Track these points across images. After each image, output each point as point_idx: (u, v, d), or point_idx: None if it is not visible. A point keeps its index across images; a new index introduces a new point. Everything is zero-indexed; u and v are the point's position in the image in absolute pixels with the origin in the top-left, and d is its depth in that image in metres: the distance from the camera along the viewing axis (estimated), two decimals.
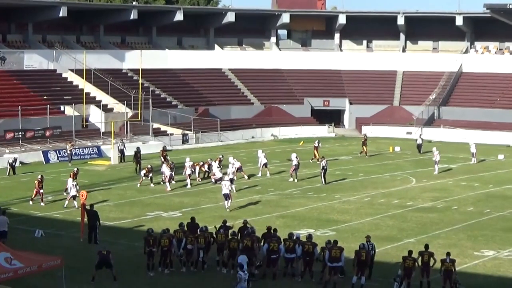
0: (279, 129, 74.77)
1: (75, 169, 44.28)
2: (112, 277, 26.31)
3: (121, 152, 56.24)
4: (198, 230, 28.88)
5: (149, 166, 46.73)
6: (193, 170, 46.88)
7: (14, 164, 50.38)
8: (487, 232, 34.53)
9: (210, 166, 48.01)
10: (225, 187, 39.17)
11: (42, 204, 39.55)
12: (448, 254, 25.51)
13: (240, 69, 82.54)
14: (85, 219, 32.40)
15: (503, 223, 36.52)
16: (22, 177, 48.78)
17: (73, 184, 39.08)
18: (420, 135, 65.29)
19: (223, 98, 77.60)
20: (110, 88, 69.29)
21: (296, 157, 48.65)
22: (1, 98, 63.54)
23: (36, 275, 24.35)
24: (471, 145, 57.63)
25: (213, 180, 46.35)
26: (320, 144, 58.28)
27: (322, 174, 46.88)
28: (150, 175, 45.83)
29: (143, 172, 46.41)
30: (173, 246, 27.80)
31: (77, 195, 38.01)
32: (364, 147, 59.75)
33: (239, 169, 47.30)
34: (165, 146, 55.81)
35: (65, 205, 38.94)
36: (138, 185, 45.54)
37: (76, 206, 37.96)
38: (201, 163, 48.64)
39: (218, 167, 47.22)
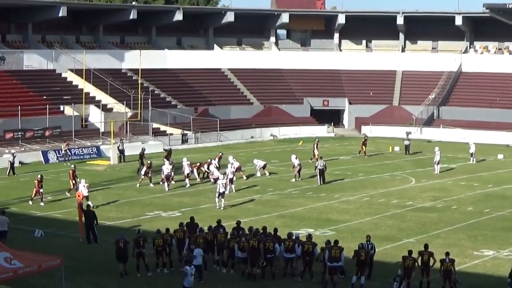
0: (279, 129, 74.76)
1: (73, 166, 44.32)
2: (120, 273, 26.73)
3: (121, 152, 56.24)
4: (198, 230, 28.86)
5: (149, 162, 46.72)
6: (191, 169, 46.81)
7: (13, 162, 50.25)
8: (487, 232, 34.54)
9: (210, 166, 47.92)
10: (221, 186, 39.21)
11: (42, 204, 39.52)
12: (447, 254, 25.51)
13: (240, 69, 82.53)
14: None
15: (503, 223, 36.52)
16: (21, 177, 48.74)
17: (84, 186, 38.44)
18: (408, 135, 64.70)
19: (222, 98, 77.59)
20: (109, 88, 69.27)
21: (296, 158, 48.63)
22: (0, 98, 63.47)
23: (36, 275, 24.36)
24: (470, 144, 57.64)
25: (212, 180, 46.29)
26: (319, 143, 57.92)
27: (318, 174, 46.87)
28: (150, 173, 45.77)
29: (143, 171, 46.17)
30: (172, 245, 27.82)
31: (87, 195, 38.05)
32: (363, 146, 59.68)
33: (238, 169, 47.23)
34: (171, 149, 55.23)
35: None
36: (138, 185, 45.50)
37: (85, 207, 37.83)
38: (198, 164, 48.55)
39: (217, 166, 47.11)
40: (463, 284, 25.54)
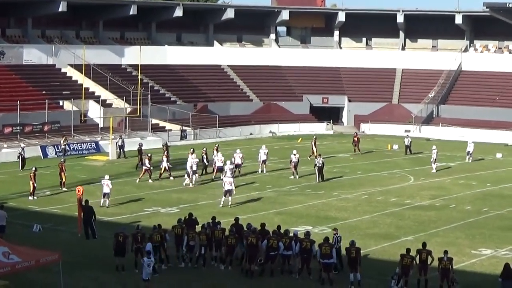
0: (278, 126, 74.75)
1: (62, 159, 44.50)
2: (116, 266, 27.01)
3: (120, 147, 56.21)
4: (201, 227, 28.87)
5: (149, 155, 46.60)
6: (196, 169, 46.25)
7: (23, 156, 50.14)
8: (485, 231, 34.58)
9: (206, 155, 47.90)
10: (228, 183, 39.01)
11: (35, 197, 39.43)
12: (445, 252, 25.55)
13: (239, 66, 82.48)
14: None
15: (501, 222, 36.57)
16: (20, 172, 48.72)
17: (105, 184, 37.96)
18: (408, 135, 64.26)
19: (222, 95, 77.55)
20: (109, 83, 69.21)
21: (295, 154, 48.58)
22: None
23: (34, 270, 24.34)
24: (469, 143, 57.53)
25: (213, 177, 46.11)
26: (317, 140, 57.76)
27: (317, 171, 46.86)
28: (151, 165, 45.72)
29: (147, 163, 45.53)
30: (166, 240, 27.78)
31: (109, 193, 37.84)
32: (354, 144, 59.50)
33: (236, 166, 47.17)
34: (166, 143, 55.43)
35: (107, 206, 37.97)
36: (137, 180, 45.50)
37: (107, 206, 37.76)
38: (191, 150, 48.14)
39: (218, 158, 46.75)
40: (460, 282, 25.56)
